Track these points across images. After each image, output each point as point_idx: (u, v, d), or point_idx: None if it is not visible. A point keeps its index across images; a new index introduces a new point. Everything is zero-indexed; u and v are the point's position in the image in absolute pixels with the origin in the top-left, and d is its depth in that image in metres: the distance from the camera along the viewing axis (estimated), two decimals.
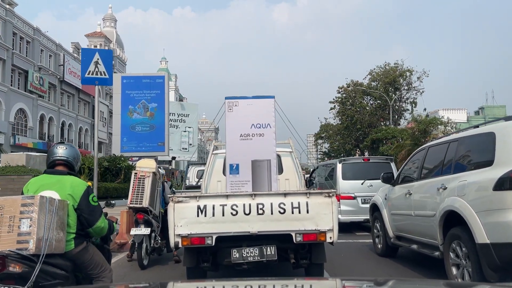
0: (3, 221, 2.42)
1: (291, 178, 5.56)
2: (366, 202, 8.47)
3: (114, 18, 50.31)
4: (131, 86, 14.22)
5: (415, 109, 32.86)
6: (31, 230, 2.41)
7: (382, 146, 27.93)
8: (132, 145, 13.47)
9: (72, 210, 2.71)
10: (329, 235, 3.87)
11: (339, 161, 9.46)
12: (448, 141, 4.66)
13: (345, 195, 8.79)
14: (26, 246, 2.39)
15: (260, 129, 4.66)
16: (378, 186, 8.45)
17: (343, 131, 35.49)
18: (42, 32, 33.14)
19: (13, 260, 2.38)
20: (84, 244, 2.76)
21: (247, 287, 1.99)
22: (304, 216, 3.86)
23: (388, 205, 5.92)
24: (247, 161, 4.59)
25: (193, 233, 3.81)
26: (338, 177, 8.98)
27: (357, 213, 8.73)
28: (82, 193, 2.75)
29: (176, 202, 3.88)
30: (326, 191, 4.01)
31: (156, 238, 5.68)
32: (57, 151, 2.86)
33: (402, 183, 5.63)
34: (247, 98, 4.80)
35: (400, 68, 33.59)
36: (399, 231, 5.59)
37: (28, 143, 29.12)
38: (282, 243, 3.99)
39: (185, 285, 2.44)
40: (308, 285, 2.14)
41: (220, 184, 5.39)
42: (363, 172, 9.13)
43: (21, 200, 2.47)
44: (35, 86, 30.81)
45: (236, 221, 3.84)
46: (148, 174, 5.31)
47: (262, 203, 3.87)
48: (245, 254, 3.90)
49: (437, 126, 23.64)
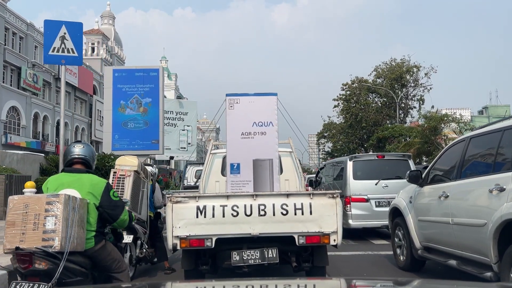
0: (28, 219, 2.53)
1: (291, 178, 5.55)
2: (381, 205, 7.96)
3: (112, 16, 50.34)
4: (123, 80, 13.63)
5: (423, 106, 32.82)
6: (56, 227, 2.52)
7: (388, 145, 27.82)
8: (124, 143, 12.87)
9: (92, 208, 2.83)
10: (333, 238, 3.87)
11: (349, 158, 8.60)
12: (502, 129, 3.76)
13: (357, 197, 8.06)
14: (52, 243, 2.50)
15: (262, 127, 4.66)
16: (394, 186, 7.76)
17: (347, 130, 35.42)
18: (36, 27, 33.16)
19: (39, 257, 2.48)
20: (103, 242, 2.89)
21: (248, 287, 1.99)
22: (307, 218, 3.86)
23: (415, 210, 5.08)
24: (248, 160, 4.59)
25: (192, 235, 3.81)
26: (348, 176, 8.20)
27: (370, 218, 7.98)
28: (102, 190, 2.89)
29: (175, 202, 3.87)
30: (330, 192, 3.99)
31: (142, 246, 5.17)
32: (75, 150, 3.00)
33: (433, 183, 4.82)
34: (248, 95, 4.80)
35: (406, 64, 33.54)
36: (429, 242, 4.78)
37: (21, 142, 29.15)
38: (284, 246, 3.99)
39: (184, 285, 2.45)
40: (312, 285, 2.14)
41: (219, 184, 5.40)
42: (377, 171, 8.40)
43: (46, 198, 2.58)
44: (28, 83, 30.84)
45: (237, 223, 3.83)
46: (129, 173, 4.74)
47: (264, 204, 3.87)
48: (245, 257, 3.89)
49: (449, 123, 23.29)
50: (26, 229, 2.52)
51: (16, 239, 2.51)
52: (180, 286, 2.28)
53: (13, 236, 2.52)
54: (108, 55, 44.71)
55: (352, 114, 34.06)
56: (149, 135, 13.57)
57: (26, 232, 2.52)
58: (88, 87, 38.38)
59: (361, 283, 2.15)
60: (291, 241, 3.87)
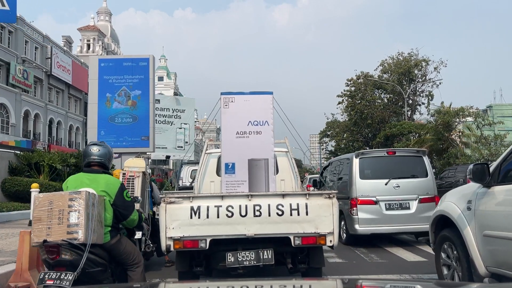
0: (53, 215, 2.92)
1: (286, 179, 5.68)
2: (392, 208, 7.44)
3: (109, 12, 50.57)
4: (110, 71, 12.81)
5: (432, 102, 32.78)
6: (79, 221, 2.90)
7: (397, 142, 27.74)
8: (110, 139, 11.92)
9: (108, 205, 3.22)
10: (329, 238, 3.99)
11: (355, 155, 7.90)
12: None
13: (364, 199, 7.44)
14: (76, 236, 2.89)
15: (257, 126, 4.78)
16: (407, 186, 7.48)
17: (351, 127, 35.43)
18: (27, 21, 33.29)
19: (65, 249, 2.89)
20: (118, 237, 3.27)
21: None
22: (304, 218, 3.98)
23: (478, 220, 3.84)
24: (243, 160, 4.71)
25: (186, 236, 3.93)
26: (354, 175, 7.59)
27: (379, 223, 7.41)
28: (117, 190, 3.28)
29: (168, 203, 3.99)
30: (327, 192, 4.12)
31: (146, 242, 5.67)
32: (92, 152, 3.39)
33: (509, 182, 3.62)
34: (244, 94, 4.91)
35: (414, 57, 33.51)
36: (500, 267, 3.59)
37: (9, 141, 29.26)
38: (280, 247, 4.11)
39: (178, 285, 2.58)
40: (307, 285, 2.23)
41: (214, 184, 5.53)
42: (387, 169, 7.78)
43: (69, 195, 2.97)
44: (18, 80, 30.96)
45: (232, 223, 3.96)
46: (138, 174, 5.40)
47: (259, 205, 3.99)
48: (240, 258, 4.01)
49: (465, 118, 22.61)
50: (52, 224, 2.90)
51: (43, 233, 2.89)
52: (175, 287, 2.40)
53: (40, 230, 2.91)
54: (104, 52, 44.89)
55: (357, 111, 34.05)
56: (138, 131, 12.83)
57: (52, 227, 2.90)
58: (83, 84, 38.48)
59: (359, 283, 2.23)
60: (287, 242, 3.99)
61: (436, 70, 32.84)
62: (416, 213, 7.46)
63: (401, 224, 7.45)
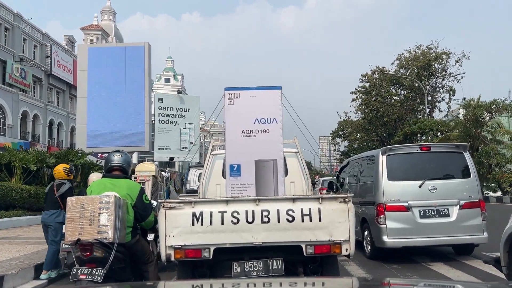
0: (84, 216, 3.37)
1: (296, 181, 5.54)
2: (428, 216, 6.60)
3: (113, 11, 51.13)
4: (101, 61, 12.03)
5: (453, 97, 32.33)
6: (109, 222, 3.36)
7: (417, 141, 27.36)
8: (100, 138, 11.50)
9: (130, 208, 3.67)
10: (344, 247, 3.85)
11: (382, 151, 7.07)
12: None
13: (393, 205, 6.63)
14: (106, 236, 3.34)
15: (265, 124, 4.63)
16: (445, 189, 6.70)
17: (366, 126, 35.11)
18: (24, 18, 33.62)
19: (97, 247, 3.35)
20: (137, 237, 3.75)
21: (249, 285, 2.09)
22: (316, 225, 3.85)
23: None
24: (250, 161, 4.56)
25: (187, 245, 3.83)
26: (381, 176, 6.79)
27: (413, 234, 6.58)
28: (138, 193, 3.76)
29: (168, 208, 3.89)
30: (341, 196, 3.97)
31: None
32: (114, 158, 3.90)
33: None
34: (250, 89, 4.74)
35: (434, 50, 33.08)
36: None
37: (6, 142, 29.53)
38: (291, 256, 3.99)
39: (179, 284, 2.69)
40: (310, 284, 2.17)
41: (220, 187, 5.40)
42: (421, 168, 6.98)
43: (99, 198, 3.43)
44: (15, 79, 31.27)
45: (237, 231, 3.84)
46: (148, 178, 5.82)
47: (268, 210, 3.87)
48: (247, 269, 3.90)
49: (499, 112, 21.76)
50: (83, 224, 3.37)
51: (75, 232, 3.35)
52: (176, 285, 2.47)
53: (73, 230, 3.36)
54: None
55: (372, 108, 33.73)
56: (131, 126, 12.38)
57: (84, 227, 3.36)
58: None
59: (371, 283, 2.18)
60: (298, 250, 3.86)
61: (457, 63, 32.44)
62: (457, 222, 6.62)
63: (439, 235, 6.60)
